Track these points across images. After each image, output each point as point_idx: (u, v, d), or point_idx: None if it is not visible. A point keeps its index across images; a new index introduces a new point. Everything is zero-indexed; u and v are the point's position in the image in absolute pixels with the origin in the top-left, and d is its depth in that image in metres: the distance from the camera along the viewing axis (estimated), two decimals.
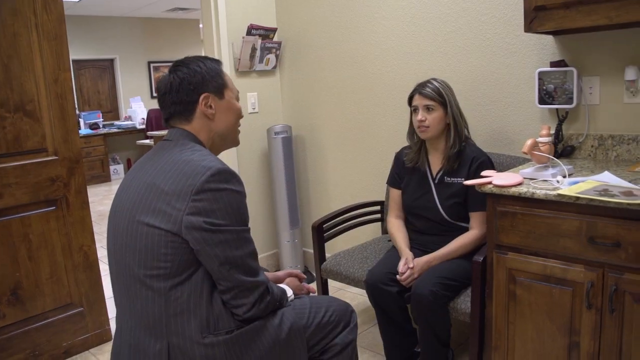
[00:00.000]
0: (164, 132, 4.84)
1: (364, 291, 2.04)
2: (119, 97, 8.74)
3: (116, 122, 8.05)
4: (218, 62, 1.40)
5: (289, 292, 1.44)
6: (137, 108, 7.86)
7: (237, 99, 1.43)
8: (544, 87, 2.06)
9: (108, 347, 2.56)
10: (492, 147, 2.32)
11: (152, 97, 9.08)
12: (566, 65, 2.01)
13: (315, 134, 3.20)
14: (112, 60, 8.58)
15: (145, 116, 7.73)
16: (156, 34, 8.99)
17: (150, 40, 8.96)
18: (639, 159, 1.92)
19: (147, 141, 5.27)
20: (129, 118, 7.96)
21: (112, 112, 8.61)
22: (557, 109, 2.08)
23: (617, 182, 1.59)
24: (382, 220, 2.70)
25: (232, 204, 1.21)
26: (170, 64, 1.39)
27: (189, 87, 1.32)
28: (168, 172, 1.22)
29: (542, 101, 2.06)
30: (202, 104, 1.33)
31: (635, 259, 1.44)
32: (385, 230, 2.66)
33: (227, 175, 1.22)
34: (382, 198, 2.74)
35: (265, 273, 1.36)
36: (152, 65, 9.11)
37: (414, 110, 2.05)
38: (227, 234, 1.20)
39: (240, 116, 1.43)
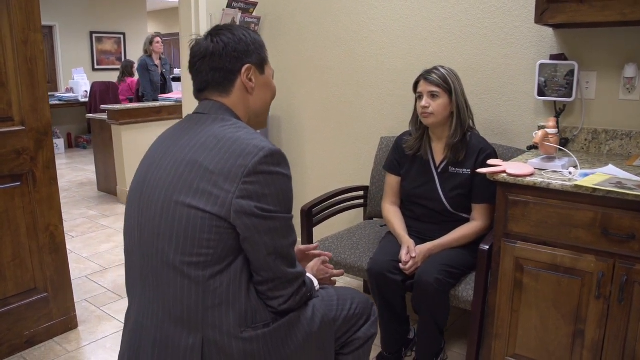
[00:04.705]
0: (119, 107, 4.54)
1: (342, 277, 1.99)
2: (58, 68, 8.15)
3: (57, 94, 7.49)
4: (259, 35, 1.29)
5: (315, 282, 1.36)
6: (79, 80, 7.35)
7: (273, 78, 1.33)
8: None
9: (74, 335, 2.38)
10: (484, 135, 2.32)
11: (94, 69, 8.58)
12: (566, 59, 2.05)
13: (293, 115, 3.10)
14: (50, 28, 7.97)
15: (88, 89, 7.25)
16: (99, 2, 8.44)
17: (93, 9, 8.41)
18: (631, 154, 2.00)
19: (98, 115, 4.90)
20: (70, 90, 7.43)
21: (51, 83, 8.02)
22: (554, 102, 2.12)
23: (626, 175, 1.64)
24: (366, 205, 2.67)
25: (283, 190, 1.12)
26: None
27: (233, 54, 1.20)
28: (212, 149, 1.10)
29: (540, 93, 2.09)
30: (244, 75, 1.22)
31: None
32: (368, 216, 2.64)
33: (280, 158, 1.11)
34: (363, 183, 2.71)
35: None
36: (94, 35, 8.57)
37: (418, 97, 2.01)
38: (276, 221, 1.10)
39: (274, 96, 1.33)
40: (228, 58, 1.20)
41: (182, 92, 3.04)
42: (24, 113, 2.14)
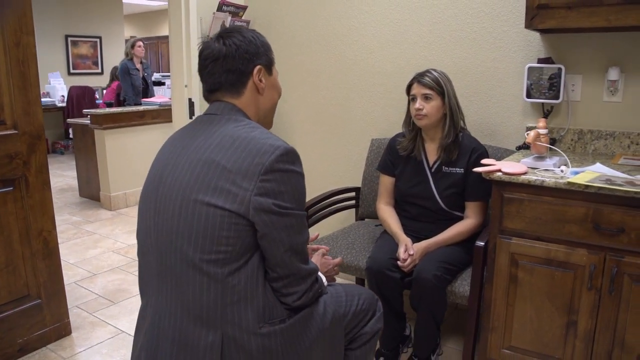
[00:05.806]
0: (103, 111, 4.49)
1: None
2: None
3: None
4: (265, 37, 1.33)
5: (324, 279, 1.40)
6: (56, 84, 7.22)
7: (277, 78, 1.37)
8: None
9: (68, 342, 2.35)
10: (474, 137, 2.40)
11: (70, 73, 8.42)
12: (553, 63, 2.13)
13: (284, 118, 3.13)
14: None
15: (65, 94, 7.14)
16: (75, 5, 8.31)
17: (68, 12, 8.27)
18: (615, 153, 2.09)
19: (79, 120, 4.83)
20: (46, 95, 7.29)
21: None
22: (542, 104, 2.20)
23: (614, 173, 1.72)
24: (358, 206, 2.71)
25: (298, 187, 1.15)
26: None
27: (245, 56, 1.23)
28: (228, 148, 1.13)
29: (529, 95, 2.17)
30: (255, 76, 1.25)
31: (636, 244, 1.57)
32: (360, 217, 2.68)
33: (294, 156, 1.15)
34: (354, 184, 2.75)
35: None
36: (69, 39, 8.43)
37: (412, 99, 2.07)
38: (292, 218, 1.13)
39: (280, 95, 1.38)
40: (240, 60, 1.23)
41: (172, 95, 3.03)
42: (17, 116, 2.11)
